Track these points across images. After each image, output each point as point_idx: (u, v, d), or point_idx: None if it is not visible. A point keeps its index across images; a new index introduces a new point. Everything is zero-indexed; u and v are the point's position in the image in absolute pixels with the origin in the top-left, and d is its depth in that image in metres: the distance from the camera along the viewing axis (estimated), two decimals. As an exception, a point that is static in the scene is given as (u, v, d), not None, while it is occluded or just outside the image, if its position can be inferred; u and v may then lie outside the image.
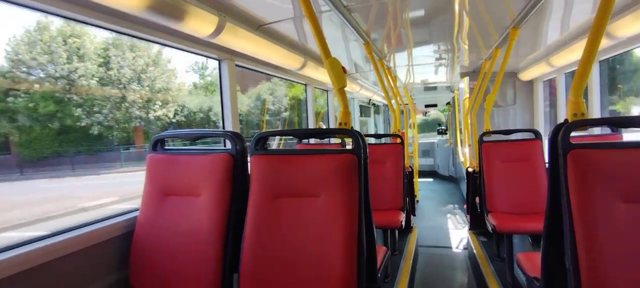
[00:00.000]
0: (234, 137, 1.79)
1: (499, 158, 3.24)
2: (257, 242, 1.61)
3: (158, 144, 1.94)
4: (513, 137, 3.36)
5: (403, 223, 3.23)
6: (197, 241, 1.70)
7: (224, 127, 2.76)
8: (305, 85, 4.58)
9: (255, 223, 1.64)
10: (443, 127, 10.19)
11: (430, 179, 9.96)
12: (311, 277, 1.52)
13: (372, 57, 3.59)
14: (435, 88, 8.48)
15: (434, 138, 10.80)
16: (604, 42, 3.04)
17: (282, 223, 1.61)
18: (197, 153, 1.83)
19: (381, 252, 2.13)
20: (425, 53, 4.79)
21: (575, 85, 1.49)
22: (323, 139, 3.73)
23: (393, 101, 4.64)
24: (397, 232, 3.79)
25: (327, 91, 5.30)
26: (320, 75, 4.23)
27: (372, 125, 9.84)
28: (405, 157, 5.45)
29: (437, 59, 5.13)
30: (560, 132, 1.39)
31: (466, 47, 4.22)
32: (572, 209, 1.32)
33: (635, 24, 2.62)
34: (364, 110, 8.51)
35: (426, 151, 10.66)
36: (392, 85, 5.08)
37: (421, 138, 11.08)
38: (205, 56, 2.67)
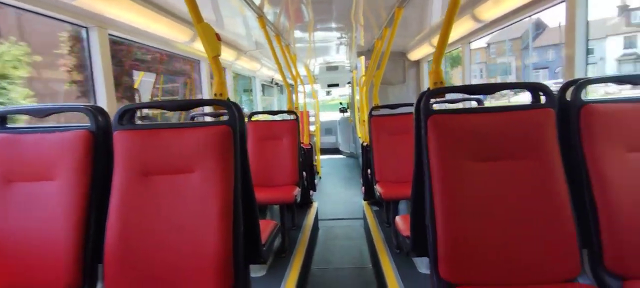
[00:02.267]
0: (93, 111, 1.57)
1: (386, 131, 3.45)
2: (124, 226, 1.45)
3: None
4: (400, 111, 3.60)
5: (298, 198, 3.27)
6: (50, 232, 1.46)
7: (95, 102, 2.44)
8: (199, 61, 4.31)
9: (121, 206, 1.47)
10: (344, 106, 10.58)
11: (333, 156, 10.34)
12: (184, 255, 1.42)
13: (266, 32, 3.50)
14: (336, 68, 8.72)
15: (337, 116, 11.19)
16: (472, 24, 3.39)
17: (153, 204, 1.47)
18: (48, 131, 1.57)
19: (269, 226, 2.10)
20: (326, 32, 4.86)
21: (435, 57, 1.62)
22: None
23: (289, 79, 4.63)
24: (295, 207, 3.84)
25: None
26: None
27: (276, 105, 9.80)
28: (305, 134, 5.54)
29: (338, 38, 5.26)
30: (422, 99, 1.49)
31: (362, 26, 4.38)
32: (431, 170, 1.43)
33: (495, 8, 2.96)
34: (267, 89, 8.40)
35: (329, 129, 11.01)
36: (291, 63, 5.06)
37: (326, 117, 11.39)
38: (71, 24, 2.31)
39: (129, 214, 1.46)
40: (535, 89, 1.48)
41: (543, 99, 1.48)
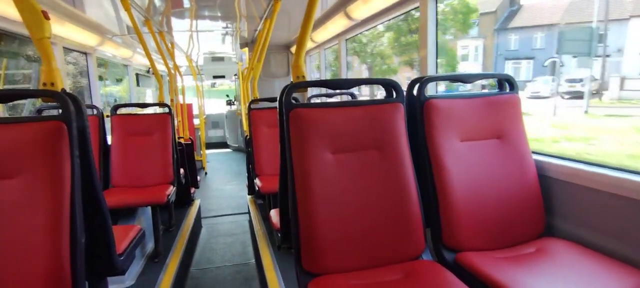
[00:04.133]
0: None
1: (264, 124, 3.43)
2: None
3: None
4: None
5: (172, 198, 3.05)
6: None
7: None
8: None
9: None
10: (231, 98, 10.30)
11: (221, 150, 9.99)
12: (7, 280, 1.18)
13: (131, 16, 3.15)
14: (222, 59, 8.40)
15: (224, 109, 10.83)
16: (346, 23, 3.57)
17: None
18: None
19: (130, 232, 1.90)
20: (210, 21, 4.60)
21: (296, 52, 1.64)
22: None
23: (161, 68, 4.27)
24: (171, 207, 3.58)
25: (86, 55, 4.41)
26: (72, 31, 3.45)
27: (153, 97, 9.03)
28: (184, 128, 5.21)
29: (223, 27, 5.03)
30: (284, 92, 1.49)
31: (244, 16, 4.25)
32: (293, 162, 1.45)
33: (365, 7, 3.15)
34: (143, 79, 7.66)
35: (216, 122, 10.60)
36: (168, 52, 4.68)
37: (213, 109, 10.92)
38: None
39: None
40: (388, 85, 1.61)
41: (395, 94, 1.61)
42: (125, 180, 3.09)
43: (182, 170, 3.73)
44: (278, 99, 1.52)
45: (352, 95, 3.36)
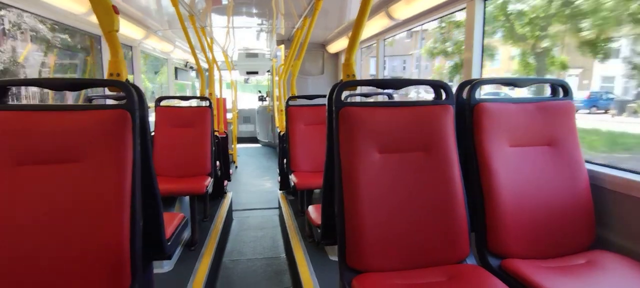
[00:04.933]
0: None
1: (302, 121, 3.46)
2: None
3: None
4: (316, 102, 3.63)
5: (210, 189, 3.13)
6: None
7: None
8: (100, 37, 3.85)
9: None
10: (263, 94, 10.44)
11: (251, 145, 10.16)
12: (72, 254, 1.25)
13: (178, 11, 3.25)
14: (256, 55, 8.53)
15: (256, 104, 11.00)
16: (386, 22, 3.55)
17: (27, 199, 1.26)
18: None
19: (176, 219, 1.97)
20: (246, 18, 4.69)
21: (348, 50, 1.65)
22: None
23: (204, 63, 4.38)
24: (207, 198, 3.68)
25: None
26: (122, 25, 3.60)
27: (191, 91, 9.28)
28: (219, 122, 5.33)
29: (258, 24, 5.12)
30: (335, 90, 1.50)
31: (282, 14, 4.31)
32: (341, 159, 1.46)
33: (407, 7, 3.12)
34: (181, 73, 7.89)
35: (247, 118, 10.78)
36: (208, 47, 4.79)
37: (244, 105, 11.11)
38: None
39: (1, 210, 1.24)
40: (437, 86, 1.59)
41: (444, 96, 1.59)
42: (167, 169, 3.20)
43: (217, 163, 3.82)
44: (327, 96, 1.53)
45: (389, 95, 3.34)
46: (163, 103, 3.54)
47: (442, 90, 1.58)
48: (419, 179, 1.50)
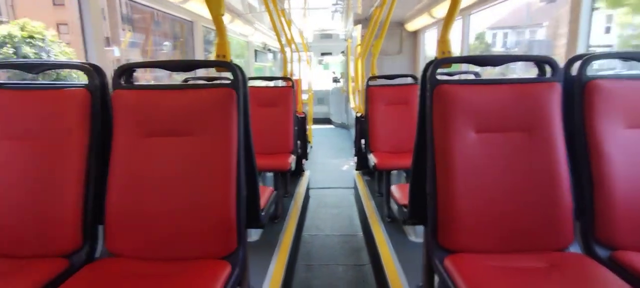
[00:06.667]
0: (92, 69, 1.51)
1: (382, 101, 3.44)
2: (125, 187, 1.43)
3: None
4: (396, 82, 3.57)
5: (293, 166, 3.27)
6: (49, 192, 1.43)
7: (87, 60, 2.34)
8: (191, 23, 4.17)
9: (122, 167, 1.44)
10: (337, 76, 10.49)
11: (325, 126, 10.33)
12: (186, 218, 1.42)
13: None
14: (330, 36, 8.60)
15: (329, 86, 11.11)
16: None
17: (154, 165, 1.44)
18: (43, 88, 1.51)
19: (267, 192, 2.11)
20: None
21: (444, 28, 1.59)
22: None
23: (277, 44, 4.52)
24: (288, 174, 3.85)
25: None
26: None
27: (268, 72, 9.65)
28: (298, 102, 5.49)
29: (333, 5, 5.15)
30: (429, 68, 1.47)
31: None
32: (435, 138, 1.44)
33: None
34: (259, 55, 8.25)
35: (321, 99, 10.94)
36: (287, 28, 4.94)
37: (317, 86, 11.29)
38: None
39: (130, 175, 1.44)
40: (542, 62, 1.48)
41: (549, 72, 1.47)
42: (255, 146, 3.41)
43: (298, 142, 3.97)
44: (421, 74, 1.51)
45: (476, 74, 3.16)
46: (248, 83, 3.74)
47: (548, 66, 1.46)
48: (518, 161, 1.42)
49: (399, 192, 2.13)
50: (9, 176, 1.44)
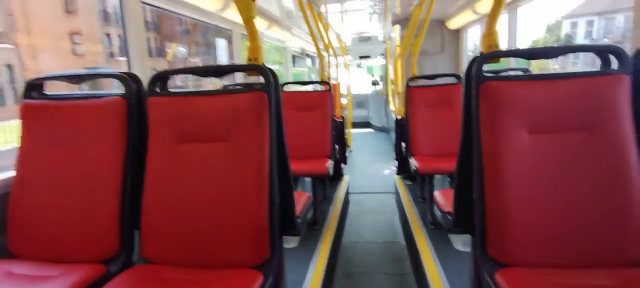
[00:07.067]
0: (128, 78, 1.54)
1: (423, 103, 3.30)
2: (160, 193, 1.44)
3: (34, 89, 1.62)
4: (438, 82, 3.42)
5: (331, 171, 3.21)
6: (89, 198, 1.48)
7: (129, 69, 2.43)
8: (230, 30, 4.25)
9: (157, 173, 1.46)
10: (376, 79, 10.33)
11: (364, 130, 10.19)
12: (220, 224, 1.40)
13: (300, 1, 3.38)
14: (368, 39, 8.47)
15: (368, 90, 10.97)
16: None
17: (188, 171, 1.44)
18: (84, 98, 1.57)
19: (303, 198, 2.06)
20: (358, 1, 4.68)
21: (490, 19, 1.46)
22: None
23: (322, 48, 4.49)
24: (327, 179, 3.79)
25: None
26: None
27: (307, 77, 9.69)
28: (336, 106, 5.44)
29: (371, 6, 5.06)
30: (474, 64, 1.36)
31: None
32: (482, 140, 1.32)
33: None
34: (297, 60, 8.30)
35: (360, 102, 10.82)
36: (324, 32, 4.91)
37: (356, 90, 11.19)
38: None
39: (165, 181, 1.44)
40: (607, 52, 1.31)
41: (615, 64, 1.31)
42: (291, 151, 3.39)
43: (336, 146, 3.91)
44: (466, 71, 1.39)
45: (524, 70, 2.94)
46: (285, 88, 3.74)
47: (614, 57, 1.30)
48: (580, 164, 1.26)
49: (443, 198, 2.00)
50: (54, 183, 1.50)
